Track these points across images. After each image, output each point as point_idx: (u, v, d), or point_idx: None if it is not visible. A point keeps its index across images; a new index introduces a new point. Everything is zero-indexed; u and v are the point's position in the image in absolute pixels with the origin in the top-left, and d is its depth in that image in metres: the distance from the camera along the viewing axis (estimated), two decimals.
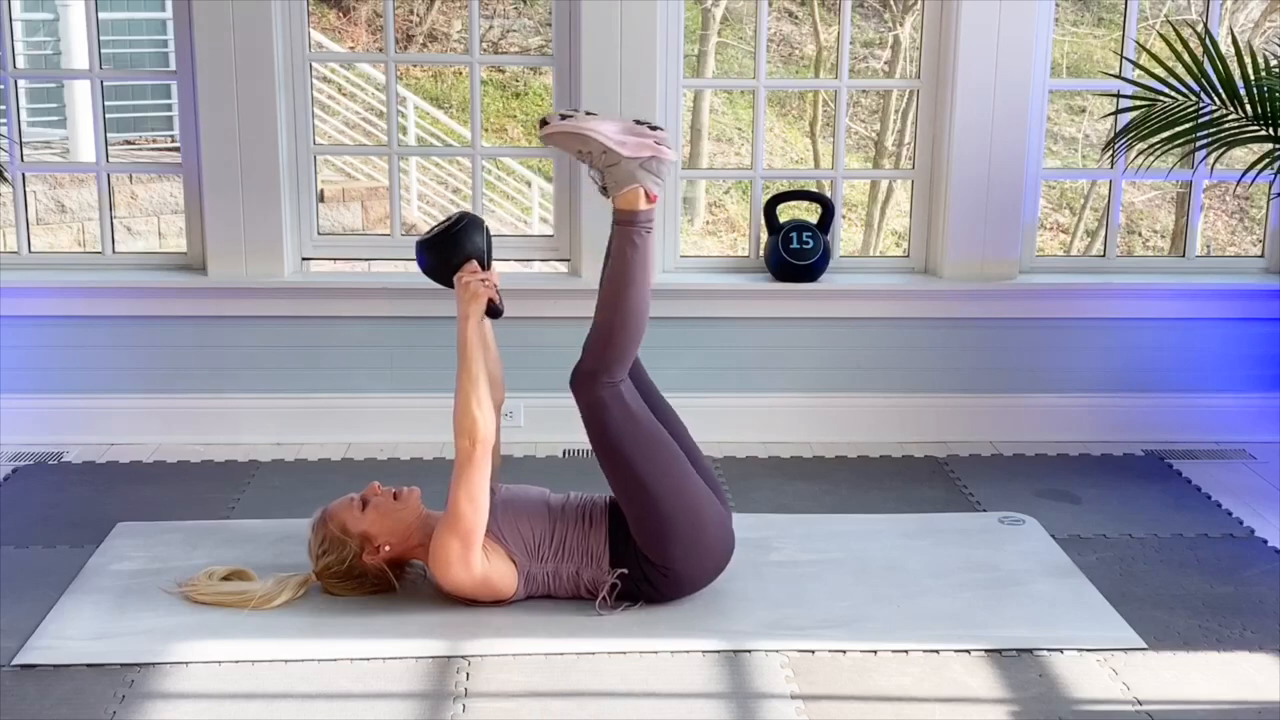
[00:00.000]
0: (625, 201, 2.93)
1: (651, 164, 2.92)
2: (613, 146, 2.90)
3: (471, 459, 2.86)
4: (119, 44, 10.17)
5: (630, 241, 2.94)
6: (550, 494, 3.12)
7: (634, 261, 2.94)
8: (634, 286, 2.94)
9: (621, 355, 2.96)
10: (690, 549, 2.98)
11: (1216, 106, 3.81)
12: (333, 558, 3.01)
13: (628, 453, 2.95)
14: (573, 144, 2.93)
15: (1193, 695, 2.71)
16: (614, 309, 2.95)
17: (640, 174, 2.92)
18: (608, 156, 2.91)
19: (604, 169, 2.93)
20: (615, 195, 2.94)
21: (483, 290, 2.95)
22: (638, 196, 2.93)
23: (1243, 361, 4.38)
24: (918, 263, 4.41)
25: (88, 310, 4.19)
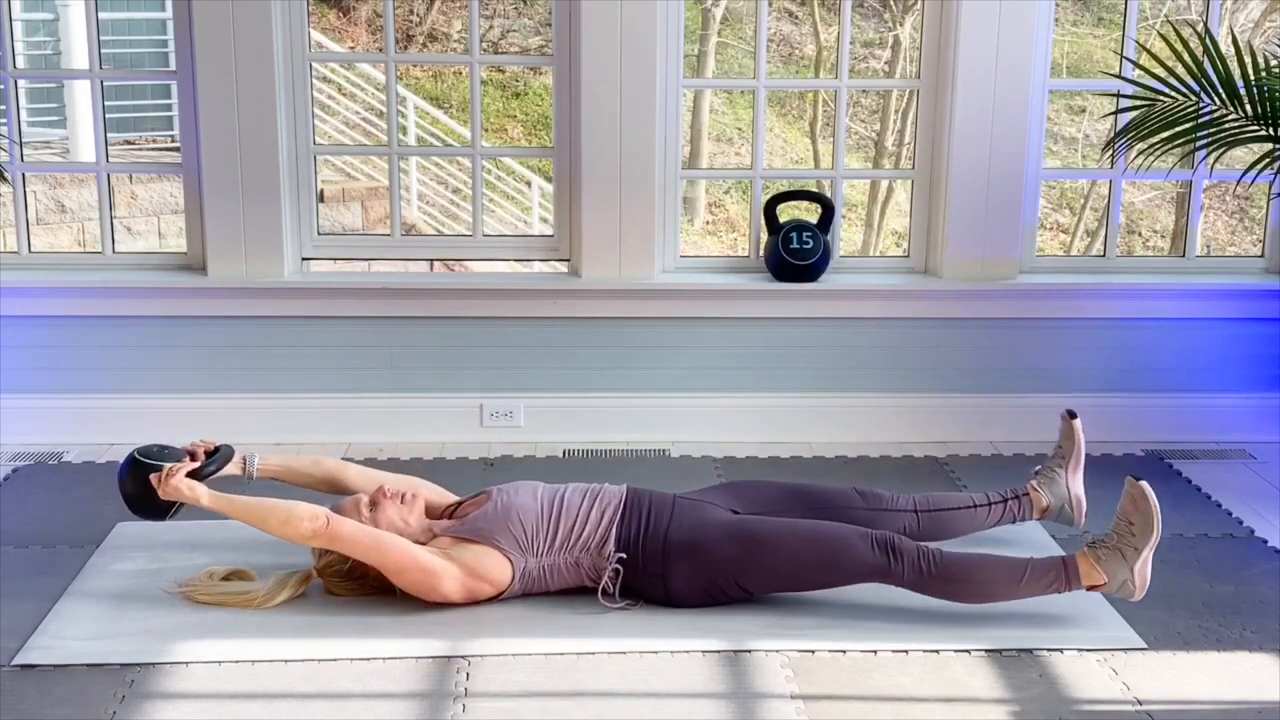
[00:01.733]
0: (1088, 572, 2.90)
1: (1127, 586, 2.88)
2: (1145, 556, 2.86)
3: (328, 534, 2.92)
4: (119, 44, 10.17)
5: (1051, 581, 2.91)
6: (542, 487, 3.12)
7: (1031, 588, 2.93)
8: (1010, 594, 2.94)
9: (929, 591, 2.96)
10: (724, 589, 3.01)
11: (1216, 106, 3.81)
12: (335, 556, 3.01)
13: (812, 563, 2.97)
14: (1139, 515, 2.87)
15: (1193, 695, 2.71)
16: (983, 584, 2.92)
17: (1118, 581, 2.88)
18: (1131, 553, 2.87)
19: (1115, 547, 2.89)
20: (1092, 558, 2.90)
21: (176, 483, 3.00)
22: (1096, 580, 2.90)
23: (1243, 361, 4.38)
24: (918, 263, 4.41)
25: (88, 310, 4.19)
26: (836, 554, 2.95)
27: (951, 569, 2.92)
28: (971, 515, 3.28)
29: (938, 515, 3.24)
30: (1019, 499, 3.31)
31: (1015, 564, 2.94)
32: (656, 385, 4.31)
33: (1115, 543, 2.90)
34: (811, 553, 2.96)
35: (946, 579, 2.92)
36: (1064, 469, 3.33)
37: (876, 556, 2.93)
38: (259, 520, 2.96)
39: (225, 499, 3.00)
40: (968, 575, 2.93)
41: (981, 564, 2.95)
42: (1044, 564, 2.94)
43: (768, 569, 2.98)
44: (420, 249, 5.77)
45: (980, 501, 3.30)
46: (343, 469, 3.27)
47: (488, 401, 4.29)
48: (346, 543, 2.93)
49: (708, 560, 2.98)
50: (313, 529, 2.91)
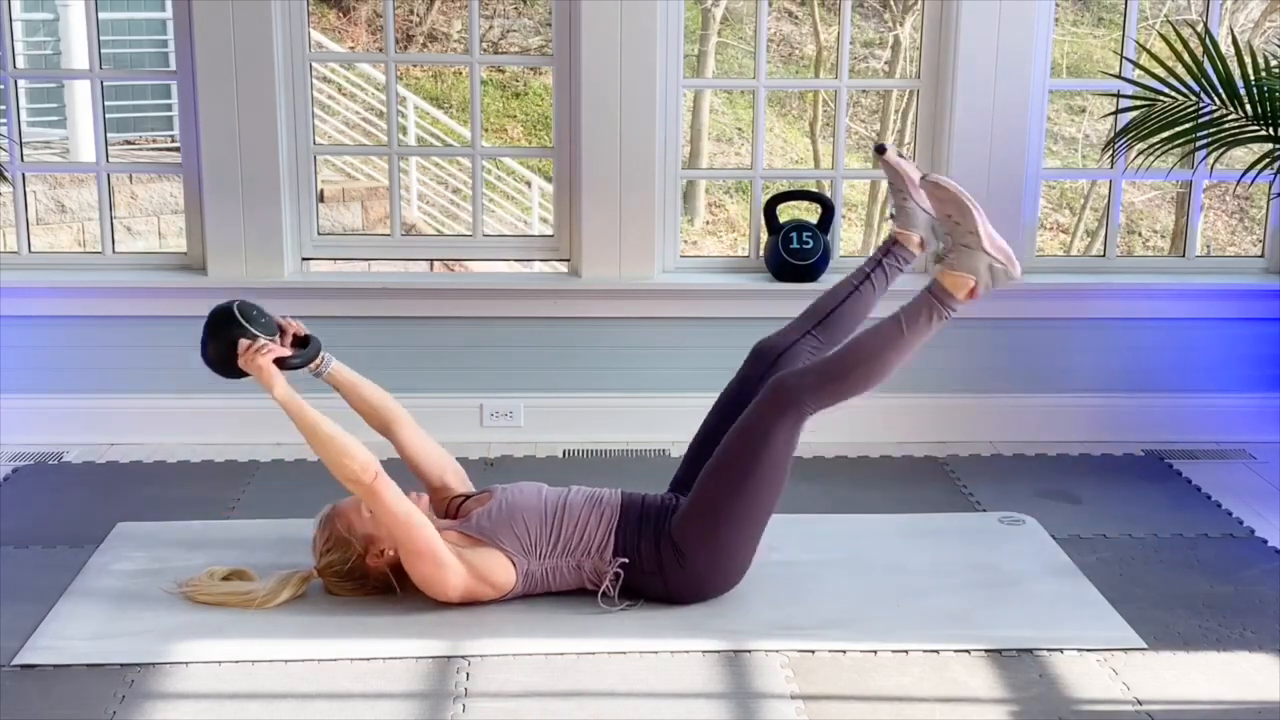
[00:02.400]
0: (954, 283, 2.91)
1: (999, 271, 2.90)
2: (982, 234, 2.88)
3: (370, 490, 2.85)
4: (119, 44, 10.17)
5: (930, 316, 2.93)
6: (546, 488, 3.12)
7: (920, 332, 2.93)
8: (904, 353, 2.94)
9: (841, 397, 2.96)
10: (717, 556, 2.99)
11: (1216, 106, 3.81)
12: (336, 556, 3.01)
13: (758, 462, 2.94)
14: (950, 207, 2.90)
15: (1193, 695, 2.71)
16: (871, 359, 2.93)
17: (984, 272, 2.91)
18: (971, 238, 2.89)
19: (958, 245, 2.90)
20: (949, 271, 2.91)
21: (260, 359, 2.95)
22: (965, 285, 2.91)
23: (1243, 361, 4.38)
24: (917, 262, 4.39)
25: (88, 310, 4.19)
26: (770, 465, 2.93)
27: (840, 365, 2.94)
28: (859, 297, 3.23)
29: (830, 321, 3.20)
30: (890, 250, 3.25)
31: (890, 320, 2.95)
32: (656, 385, 4.31)
33: (954, 243, 2.89)
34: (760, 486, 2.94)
35: (841, 376, 2.92)
36: (908, 199, 3.24)
37: (785, 423, 2.92)
38: (314, 438, 2.88)
39: (296, 401, 2.92)
40: (857, 357, 2.93)
41: (862, 340, 2.95)
42: (915, 304, 2.94)
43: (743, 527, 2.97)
44: (420, 249, 5.78)
45: (858, 280, 3.25)
46: (403, 420, 3.19)
47: (488, 401, 4.29)
48: (382, 505, 2.86)
49: (694, 549, 2.98)
50: (359, 475, 2.84)
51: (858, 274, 3.27)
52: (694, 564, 2.99)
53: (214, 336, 3.02)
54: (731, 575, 3.06)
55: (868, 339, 2.96)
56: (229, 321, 3.01)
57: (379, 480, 2.85)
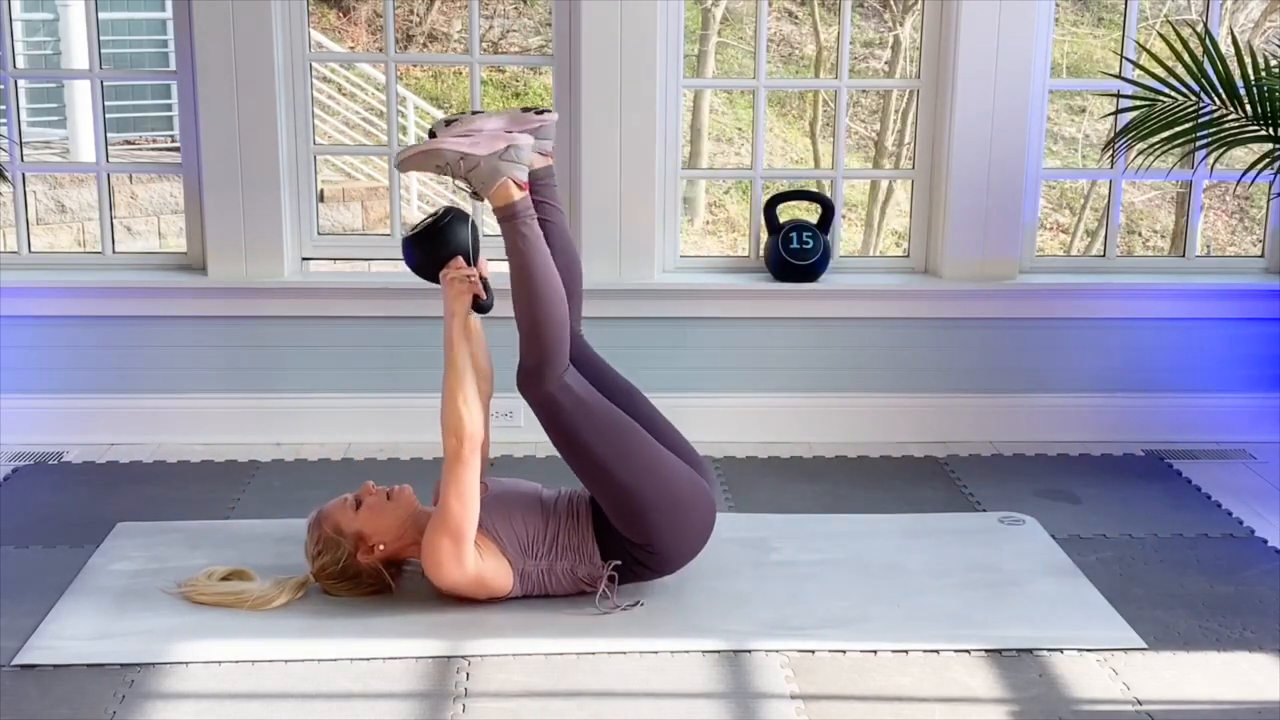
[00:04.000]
0: (499, 198, 2.91)
1: (510, 153, 2.89)
2: (466, 150, 2.87)
3: (460, 456, 2.85)
4: (119, 44, 10.17)
5: (519, 234, 2.92)
6: (543, 490, 3.12)
7: (528, 253, 2.91)
8: (538, 275, 2.92)
9: (554, 345, 2.93)
10: (670, 522, 2.97)
11: (1216, 106, 3.81)
12: (328, 558, 3.01)
13: (587, 440, 2.93)
14: (427, 163, 2.91)
15: (1193, 695, 2.71)
16: (529, 303, 2.92)
17: (502, 166, 2.90)
18: (465, 162, 2.89)
19: (467, 175, 2.90)
20: (487, 195, 2.92)
21: (467, 286, 2.94)
22: (508, 189, 2.91)
23: (1243, 361, 4.38)
24: (918, 263, 4.41)
25: (88, 310, 4.19)
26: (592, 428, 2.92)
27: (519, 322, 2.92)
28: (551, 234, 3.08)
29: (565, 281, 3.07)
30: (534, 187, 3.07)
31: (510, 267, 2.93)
32: (656, 385, 4.28)
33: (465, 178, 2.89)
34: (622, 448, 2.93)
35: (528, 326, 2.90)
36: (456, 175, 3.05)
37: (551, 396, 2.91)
38: (455, 379, 2.86)
39: (462, 338, 2.90)
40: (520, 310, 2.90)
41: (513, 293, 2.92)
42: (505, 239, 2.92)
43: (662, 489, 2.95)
44: None
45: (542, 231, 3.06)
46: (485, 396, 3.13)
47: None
48: (461, 476, 2.84)
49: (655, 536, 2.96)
50: (464, 434, 2.83)
51: None
52: (660, 546, 2.98)
53: (442, 233, 2.94)
54: (696, 527, 3.03)
55: (514, 296, 2.93)
56: (464, 231, 2.94)
57: (475, 455, 2.86)
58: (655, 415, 3.14)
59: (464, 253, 2.95)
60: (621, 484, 2.93)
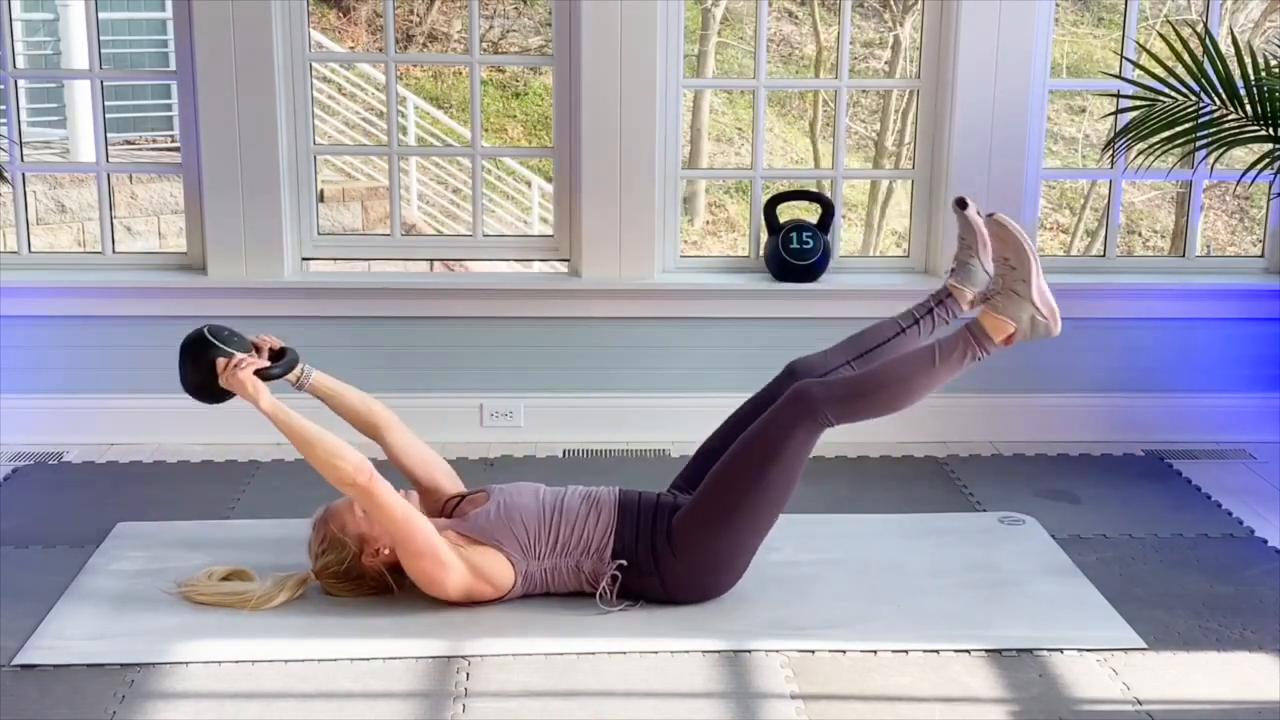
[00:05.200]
0: (994, 326, 2.92)
1: (1040, 323, 2.89)
2: (1033, 284, 2.87)
3: (365, 490, 2.85)
4: (119, 44, 10.17)
5: (964, 353, 2.93)
6: (543, 489, 3.12)
7: (950, 367, 2.94)
8: (930, 383, 2.94)
9: (860, 414, 2.95)
10: (717, 560, 3.00)
11: (1216, 106, 3.81)
12: (332, 557, 3.01)
13: (765, 474, 2.94)
14: (1010, 249, 2.88)
15: (1193, 695, 2.71)
16: (900, 382, 2.92)
17: (1026, 321, 2.90)
18: (1022, 286, 2.88)
19: (1006, 289, 2.89)
20: (992, 313, 2.91)
21: (241, 374, 2.95)
22: (1004, 330, 2.92)
23: (1243, 361, 4.38)
24: (918, 263, 4.41)
25: (88, 310, 4.19)
26: (774, 461, 2.92)
27: (866, 383, 2.92)
28: (904, 340, 3.20)
29: (870, 357, 3.18)
30: (942, 302, 3.23)
31: (924, 349, 2.94)
32: (656, 385, 4.31)
33: (1004, 285, 2.88)
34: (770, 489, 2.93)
35: (866, 394, 2.91)
36: (973, 256, 3.21)
37: (801, 429, 2.91)
38: (305, 444, 2.88)
39: (283, 410, 2.92)
40: (884, 380, 2.92)
41: (893, 365, 2.94)
42: (951, 339, 2.92)
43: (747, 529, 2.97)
44: (420, 249, 5.77)
45: (906, 323, 3.22)
46: (389, 424, 3.19)
47: (488, 401, 4.29)
48: (379, 504, 2.86)
49: (695, 548, 2.97)
50: (353, 477, 2.83)
51: (906, 316, 3.25)
52: (692, 564, 2.99)
53: (191, 362, 3.02)
54: (729, 576, 3.06)
55: (900, 362, 2.96)
56: (203, 345, 3.01)
57: (374, 480, 2.85)
58: None
59: (218, 358, 2.98)
60: (734, 511, 2.95)
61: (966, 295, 3.21)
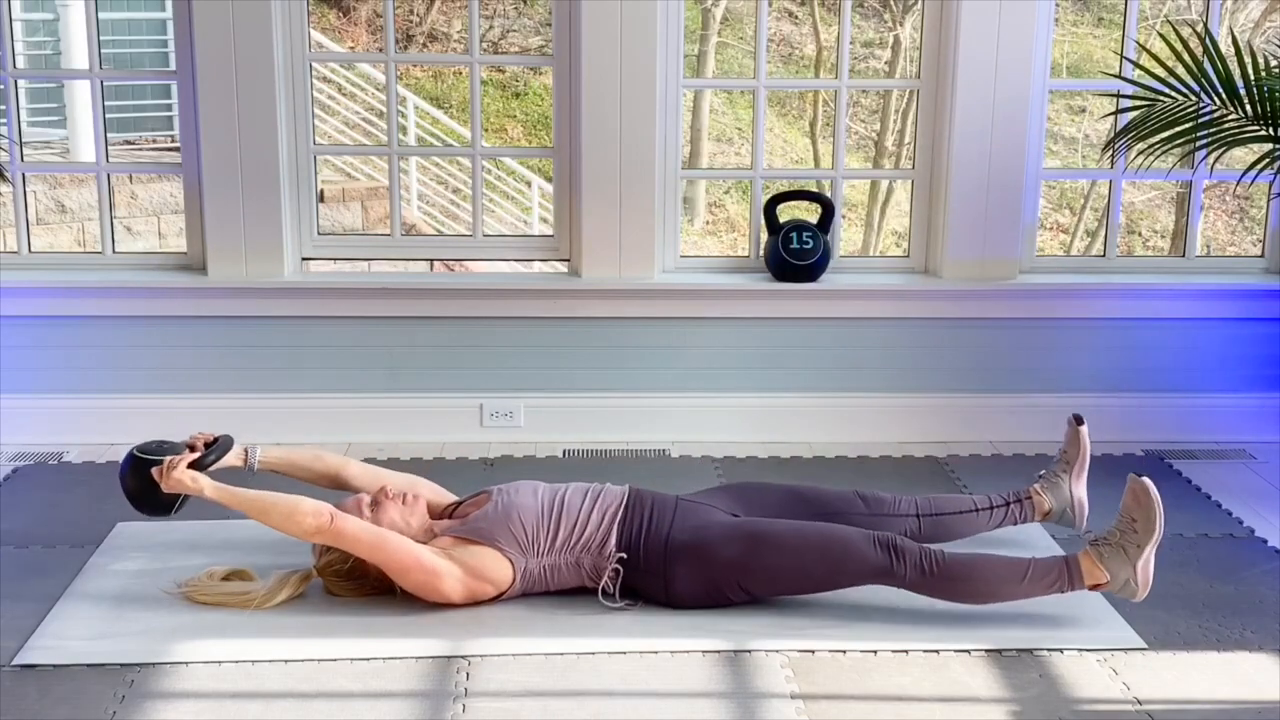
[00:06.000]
0: (1091, 571, 2.90)
1: (1129, 585, 2.88)
2: (1146, 553, 2.86)
3: (332, 531, 2.91)
4: (119, 44, 10.17)
5: (1053, 580, 2.91)
6: (542, 487, 3.12)
7: (1035, 587, 2.92)
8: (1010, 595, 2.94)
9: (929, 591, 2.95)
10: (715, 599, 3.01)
11: (1216, 106, 3.81)
12: (335, 555, 3.01)
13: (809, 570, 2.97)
14: (1138, 511, 2.88)
15: (1193, 695, 2.71)
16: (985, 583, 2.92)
17: (1121, 580, 2.88)
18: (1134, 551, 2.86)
19: (1118, 544, 2.89)
20: (1095, 557, 2.90)
21: (179, 475, 3.01)
22: (1099, 579, 2.90)
23: (1243, 361, 4.38)
24: (918, 263, 4.41)
25: (88, 310, 4.19)
26: (840, 554, 2.94)
27: (955, 568, 2.92)
28: (974, 519, 3.28)
29: (940, 519, 3.24)
30: (1021, 502, 3.31)
31: (1018, 563, 2.94)
32: (656, 385, 4.31)
33: (1118, 540, 2.89)
34: (815, 554, 2.96)
35: (949, 578, 2.92)
36: (1068, 474, 3.34)
37: (880, 556, 2.93)
38: (261, 513, 2.96)
39: (228, 490, 3.00)
40: (970, 575, 2.93)
41: (984, 564, 2.95)
42: (1046, 563, 2.94)
43: (771, 570, 2.97)
44: (420, 249, 5.77)
45: (982, 505, 3.30)
46: (344, 465, 3.27)
47: (488, 401, 4.29)
48: (350, 541, 2.92)
49: (710, 561, 2.98)
50: (316, 525, 2.90)
51: (985, 499, 3.31)
52: (693, 589, 3.00)
53: (131, 483, 3.09)
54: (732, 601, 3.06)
55: (994, 564, 2.95)
56: (135, 464, 3.08)
57: (336, 521, 2.92)
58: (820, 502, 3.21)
59: (152, 471, 3.04)
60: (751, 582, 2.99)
61: (1045, 506, 3.31)
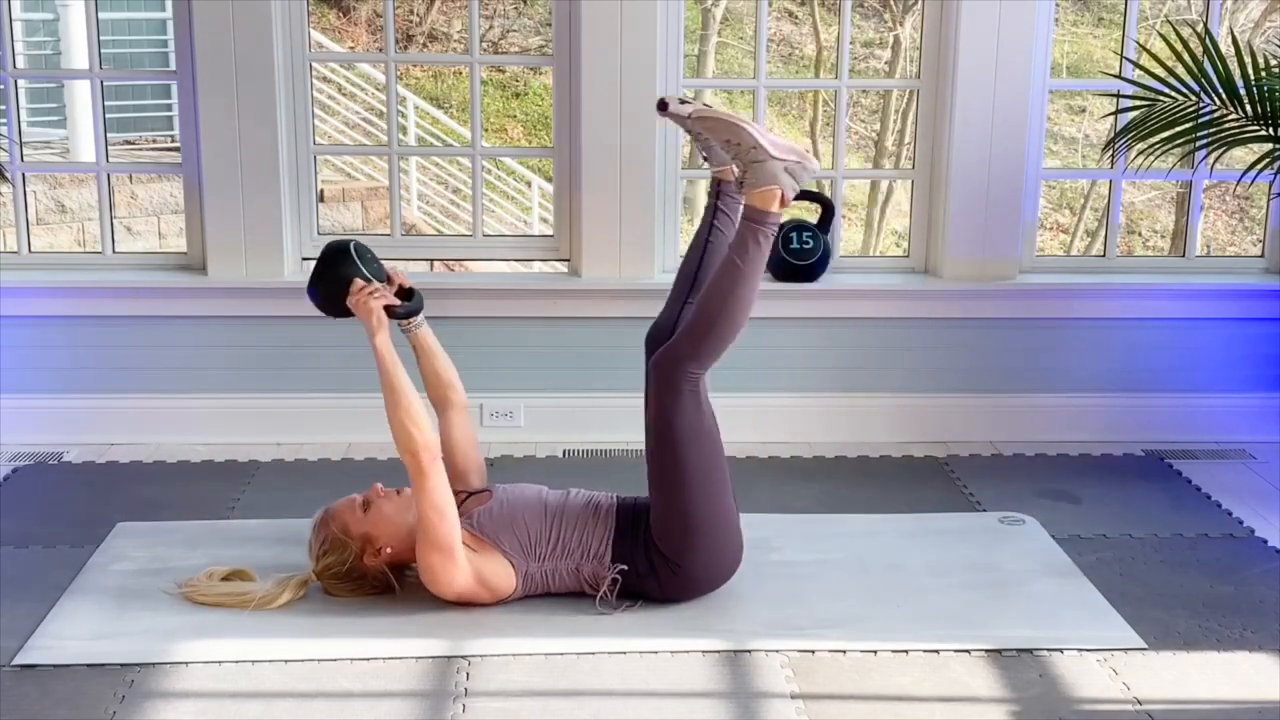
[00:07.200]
0: (761, 200, 2.92)
1: (795, 168, 2.92)
2: (764, 144, 2.90)
3: (422, 470, 2.85)
4: (119, 44, 10.17)
5: (755, 239, 2.93)
6: (547, 491, 3.12)
7: (754, 259, 2.94)
8: (748, 284, 2.94)
9: (716, 348, 2.96)
10: (705, 551, 2.99)
11: (1216, 106, 3.81)
12: (333, 558, 3.00)
13: (683, 444, 2.96)
14: (724, 131, 2.93)
15: (1193, 695, 2.71)
16: (723, 301, 2.94)
17: (783, 176, 2.92)
18: (755, 153, 2.91)
19: (747, 164, 2.92)
20: (752, 191, 2.93)
21: (373, 302, 2.95)
22: (773, 197, 2.92)
23: (1243, 361, 4.38)
24: (918, 263, 4.41)
25: (88, 310, 4.19)
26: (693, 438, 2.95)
27: (699, 324, 2.93)
28: (713, 248, 3.19)
29: (698, 281, 3.16)
30: (718, 192, 3.21)
31: (725, 261, 2.95)
32: None
33: (744, 164, 2.90)
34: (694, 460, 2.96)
35: (705, 333, 2.92)
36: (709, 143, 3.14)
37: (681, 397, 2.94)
38: (393, 396, 2.88)
39: (390, 353, 2.93)
40: (712, 306, 2.92)
41: (710, 289, 2.95)
42: (738, 236, 2.95)
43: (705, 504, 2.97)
44: (420, 249, 5.77)
45: (705, 232, 3.21)
46: (461, 405, 3.23)
47: (488, 401, 4.29)
48: (429, 487, 2.85)
49: (686, 558, 2.98)
50: (419, 450, 2.84)
51: (702, 227, 3.25)
52: (688, 568, 2.99)
53: (328, 272, 3.01)
54: (725, 567, 3.06)
55: (714, 286, 2.96)
56: (345, 259, 3.00)
57: (436, 464, 2.86)
58: None
59: (356, 276, 2.99)
60: (688, 496, 2.95)
61: (729, 171, 3.15)
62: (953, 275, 4.28)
